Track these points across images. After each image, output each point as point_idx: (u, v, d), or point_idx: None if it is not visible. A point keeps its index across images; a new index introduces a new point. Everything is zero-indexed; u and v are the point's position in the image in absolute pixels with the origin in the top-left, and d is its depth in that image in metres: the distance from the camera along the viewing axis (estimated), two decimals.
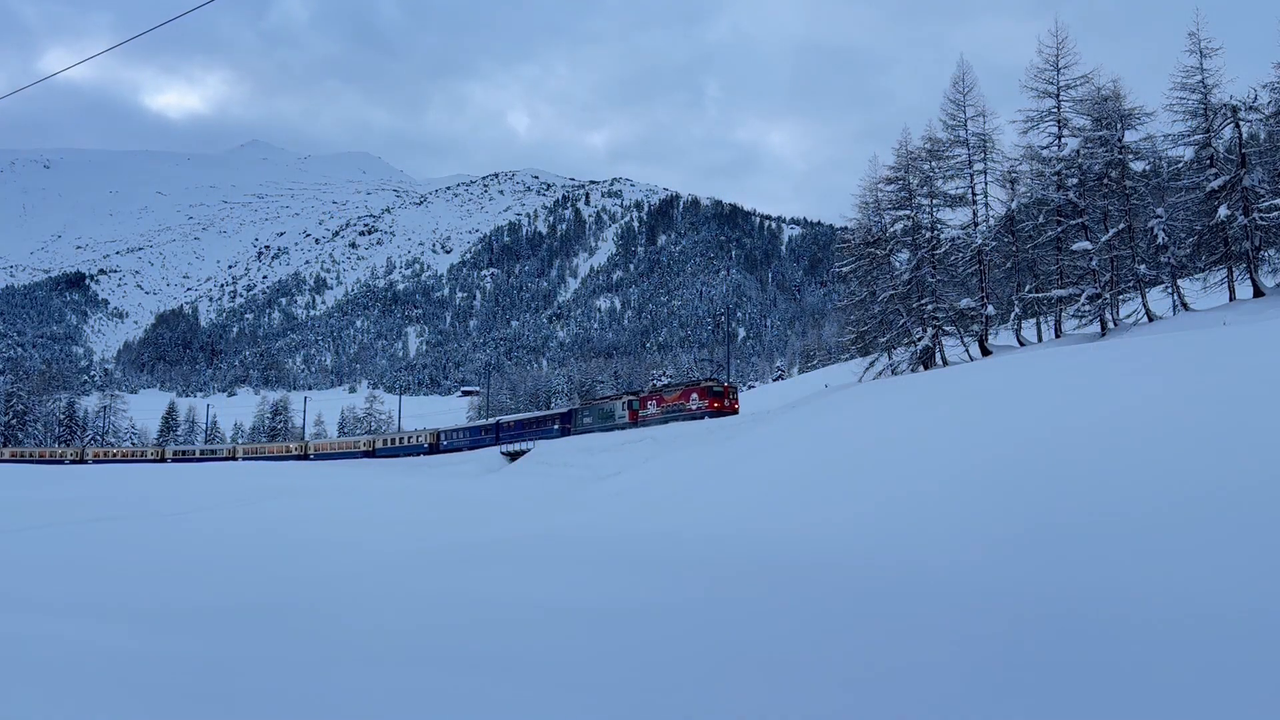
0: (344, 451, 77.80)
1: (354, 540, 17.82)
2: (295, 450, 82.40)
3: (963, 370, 25.78)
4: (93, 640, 8.50)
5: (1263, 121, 39.49)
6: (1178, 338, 18.62)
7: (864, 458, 16.65)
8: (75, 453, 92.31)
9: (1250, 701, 5.98)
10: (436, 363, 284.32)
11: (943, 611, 8.62)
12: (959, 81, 47.92)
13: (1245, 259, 38.63)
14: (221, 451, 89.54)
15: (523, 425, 66.26)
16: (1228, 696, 6.10)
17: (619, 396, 60.72)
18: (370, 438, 78.41)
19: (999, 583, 9.08)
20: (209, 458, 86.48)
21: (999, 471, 12.45)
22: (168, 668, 7.49)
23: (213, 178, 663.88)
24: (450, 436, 72.05)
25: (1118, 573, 8.48)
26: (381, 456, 72.90)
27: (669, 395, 55.00)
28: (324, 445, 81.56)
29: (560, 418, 63.14)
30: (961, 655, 7.50)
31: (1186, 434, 11.01)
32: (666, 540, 14.27)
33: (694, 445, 37.36)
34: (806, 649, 7.99)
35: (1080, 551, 9.17)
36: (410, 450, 72.01)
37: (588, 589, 10.58)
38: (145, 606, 10.86)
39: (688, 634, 8.56)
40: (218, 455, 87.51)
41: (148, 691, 6.78)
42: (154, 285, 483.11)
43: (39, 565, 15.19)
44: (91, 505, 26.71)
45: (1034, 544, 9.76)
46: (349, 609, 10.13)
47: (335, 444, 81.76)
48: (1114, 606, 7.83)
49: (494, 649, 8.22)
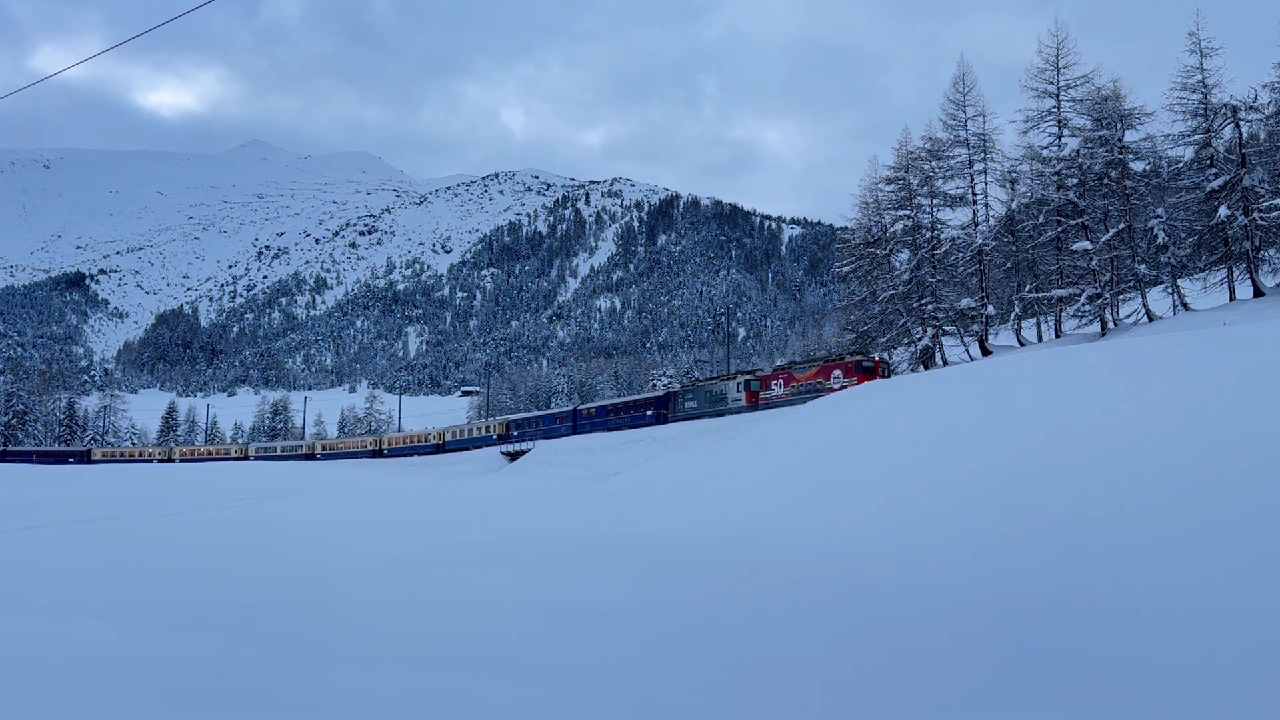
0: (413, 446, 75.79)
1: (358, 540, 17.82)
2: (371, 446, 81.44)
3: (963, 370, 25.78)
4: (93, 640, 8.51)
5: (1263, 121, 39.52)
6: (1178, 337, 18.63)
7: (865, 458, 16.65)
8: (164, 452, 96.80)
9: (1243, 697, 5.99)
10: (436, 363, 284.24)
11: (945, 613, 8.63)
12: (959, 81, 47.96)
13: (1245, 259, 38.65)
14: (301, 450, 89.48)
15: (606, 412, 58.78)
16: (1225, 695, 6.11)
17: (732, 376, 52.35)
18: (440, 430, 76.70)
19: (1001, 585, 9.08)
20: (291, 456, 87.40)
21: (1000, 472, 12.44)
22: (167, 668, 7.49)
23: (213, 178, 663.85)
24: (519, 427, 65.91)
25: (1118, 574, 8.48)
26: (451, 450, 69.59)
27: (802, 373, 47.40)
28: (396, 440, 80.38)
29: (656, 402, 55.55)
30: (965, 657, 7.50)
31: (1186, 434, 11.00)
32: (668, 541, 14.27)
33: (694, 445, 37.38)
34: (809, 650, 7.99)
35: (1081, 552, 9.17)
36: (480, 442, 66.97)
37: (590, 590, 10.58)
38: (146, 606, 10.86)
39: (690, 635, 8.56)
40: (298, 454, 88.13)
41: (148, 692, 6.78)
42: (154, 285, 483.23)
43: (37, 565, 15.20)
44: (95, 506, 26.73)
45: (1035, 545, 9.76)
46: (349, 609, 10.13)
47: (406, 438, 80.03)
48: (1114, 606, 7.84)
49: (496, 649, 8.22)
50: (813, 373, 46.37)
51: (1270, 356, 13.44)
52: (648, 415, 54.29)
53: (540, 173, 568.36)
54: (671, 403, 53.92)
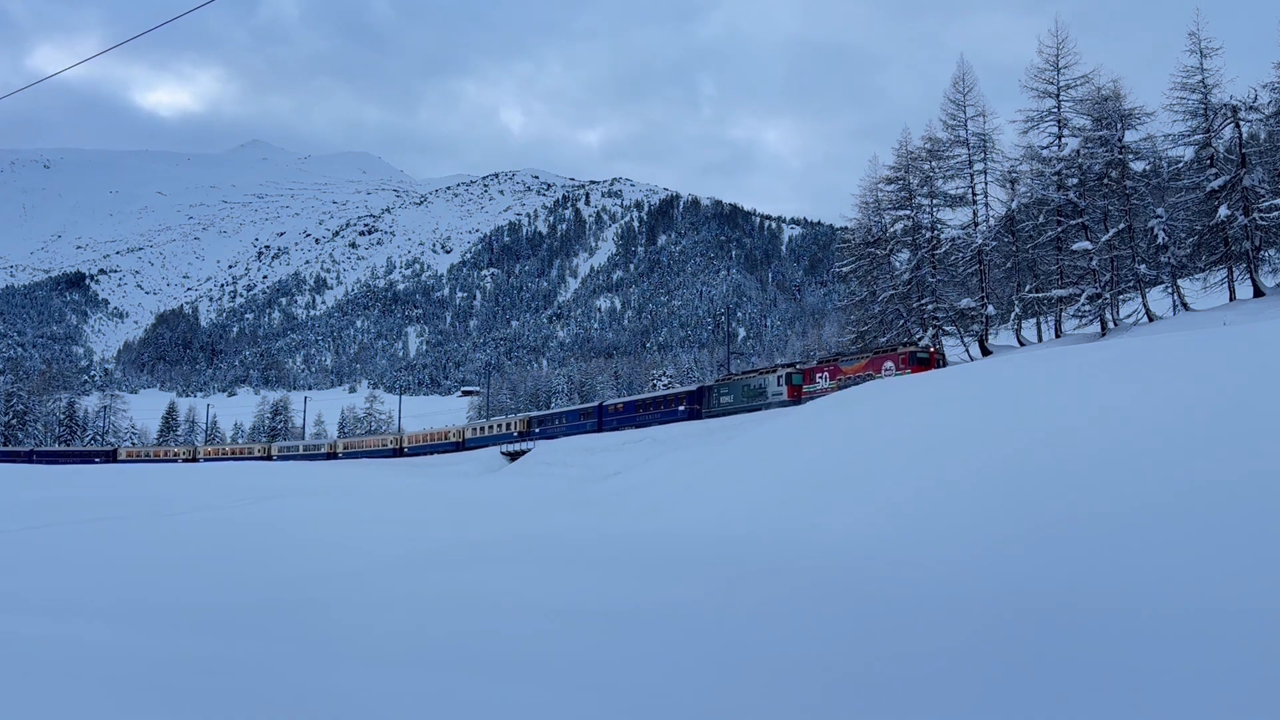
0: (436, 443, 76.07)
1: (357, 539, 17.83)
2: (391, 444, 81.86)
3: (963, 370, 25.78)
4: (94, 641, 8.51)
5: (1263, 121, 39.51)
6: (1178, 338, 18.63)
7: (865, 458, 16.64)
8: (189, 451, 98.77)
9: (1244, 698, 5.99)
10: (436, 363, 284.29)
11: (944, 614, 8.63)
12: (959, 81, 47.96)
13: (1245, 259, 38.65)
14: (323, 449, 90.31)
15: (634, 408, 56.40)
16: (1225, 695, 6.11)
17: (772, 369, 49.90)
18: (460, 427, 76.88)
19: (1003, 586, 9.08)
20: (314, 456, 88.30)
21: (1000, 472, 12.45)
22: (167, 668, 7.49)
23: (213, 178, 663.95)
24: (542, 424, 64.21)
25: (1118, 574, 8.48)
26: (472, 448, 69.67)
27: (850, 365, 44.25)
28: (416, 437, 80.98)
29: (688, 397, 52.70)
30: (966, 658, 7.50)
31: (1187, 434, 11.00)
32: (669, 541, 14.28)
33: (694, 445, 37.36)
34: (811, 650, 7.99)
35: (1080, 552, 9.17)
36: (501, 439, 65.80)
37: (591, 590, 10.58)
38: (146, 606, 10.86)
39: (692, 636, 8.56)
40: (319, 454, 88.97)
41: (147, 691, 6.78)
42: (154, 285, 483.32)
43: (38, 565, 15.20)
44: (96, 506, 26.72)
45: (1036, 546, 9.76)
46: (351, 609, 10.13)
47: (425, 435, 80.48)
48: (1114, 607, 7.84)
49: (497, 649, 8.22)
50: (862, 365, 43.80)
51: (1271, 356, 13.44)
52: (680, 411, 51.96)
53: (540, 173, 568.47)
54: (705, 398, 51.76)
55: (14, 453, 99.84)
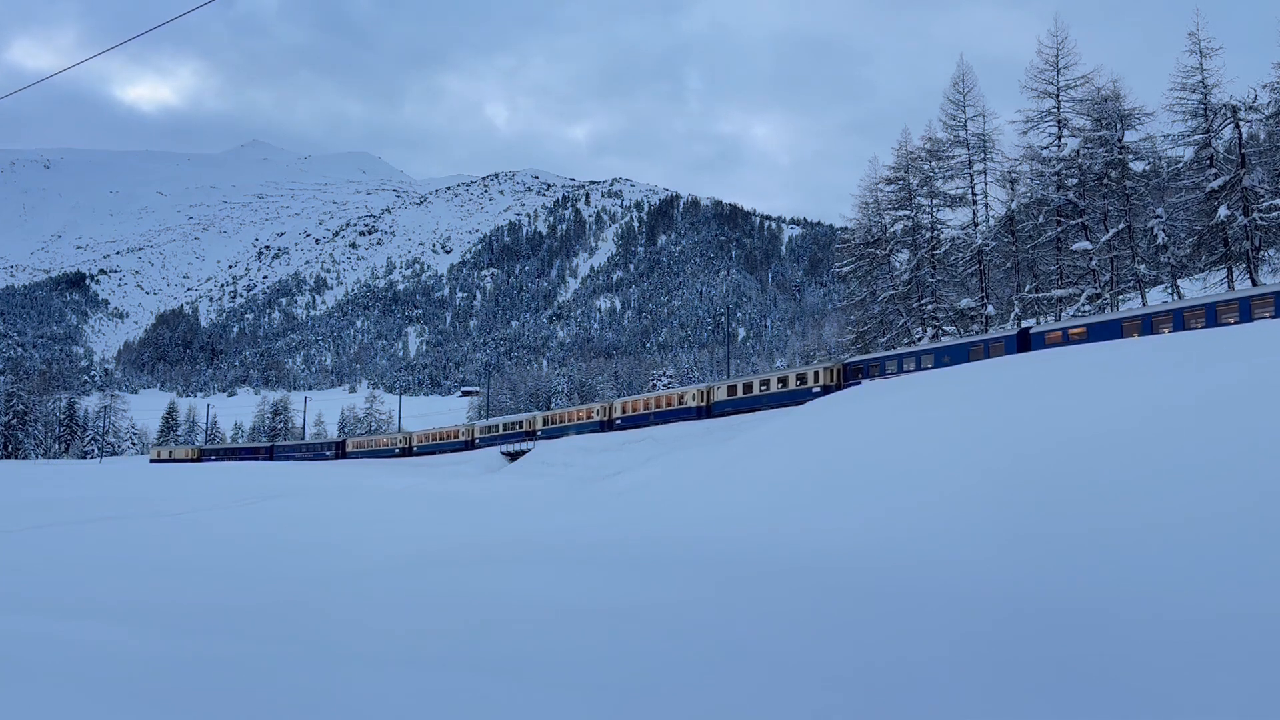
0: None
1: (365, 539, 17.83)
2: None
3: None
4: (95, 641, 8.51)
5: (1263, 121, 39.50)
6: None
7: (863, 459, 16.64)
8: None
9: (1244, 698, 6.00)
10: (436, 363, 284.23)
11: (944, 614, 8.64)
12: (959, 82, 47.99)
13: (1245, 259, 38.64)
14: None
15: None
16: (1226, 696, 6.12)
17: None
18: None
19: (1004, 587, 9.09)
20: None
21: (1000, 473, 12.46)
22: (167, 668, 7.50)
23: (213, 178, 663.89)
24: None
25: (1118, 574, 8.49)
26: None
27: None
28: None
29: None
30: (967, 658, 7.51)
31: (1187, 434, 11.02)
32: (670, 542, 14.28)
33: (694, 445, 37.36)
34: (812, 651, 8.00)
35: (1080, 552, 9.18)
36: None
37: (593, 590, 10.58)
38: (147, 606, 10.87)
39: (694, 636, 8.57)
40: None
41: (147, 692, 6.79)
42: (154, 285, 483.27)
43: (38, 565, 15.20)
44: (97, 506, 26.74)
45: (1037, 545, 9.77)
46: (351, 609, 10.14)
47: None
48: (1115, 607, 7.84)
49: (498, 650, 8.23)
50: None
51: (1271, 357, 13.46)
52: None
53: (540, 173, 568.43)
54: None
55: (254, 449, 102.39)
